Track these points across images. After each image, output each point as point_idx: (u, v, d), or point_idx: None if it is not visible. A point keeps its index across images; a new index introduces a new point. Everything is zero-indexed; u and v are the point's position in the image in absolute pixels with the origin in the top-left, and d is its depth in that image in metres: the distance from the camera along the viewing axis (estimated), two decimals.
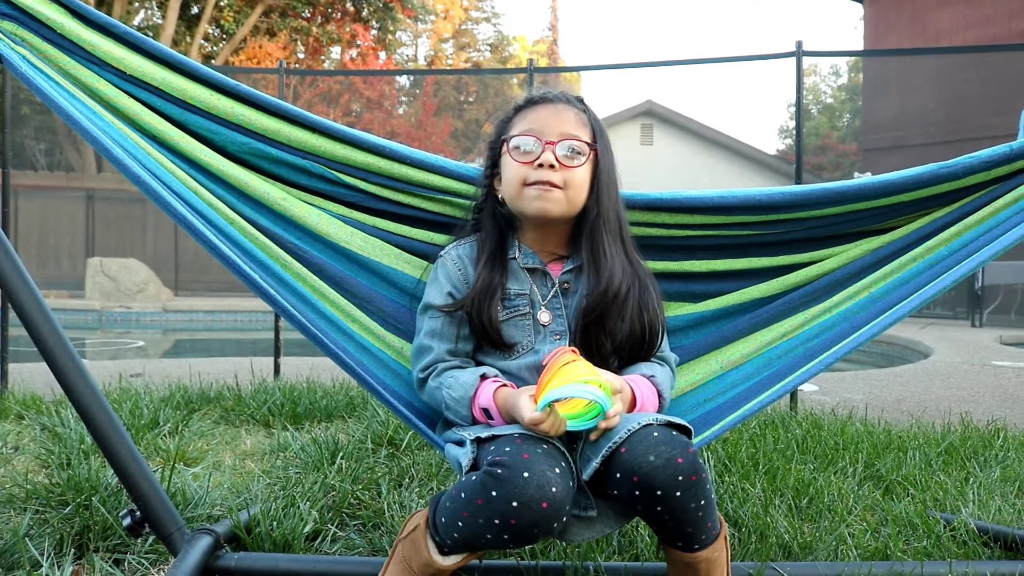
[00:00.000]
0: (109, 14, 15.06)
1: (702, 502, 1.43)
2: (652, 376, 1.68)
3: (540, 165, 1.65)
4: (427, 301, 1.75)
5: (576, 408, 1.43)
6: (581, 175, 1.68)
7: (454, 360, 1.71)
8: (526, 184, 1.66)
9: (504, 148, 1.72)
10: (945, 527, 2.17)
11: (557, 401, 1.42)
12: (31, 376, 4.72)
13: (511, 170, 1.70)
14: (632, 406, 1.59)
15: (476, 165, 1.89)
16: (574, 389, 1.39)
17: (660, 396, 1.67)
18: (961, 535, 2.12)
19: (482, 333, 1.69)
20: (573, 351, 1.47)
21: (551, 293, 1.72)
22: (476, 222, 1.80)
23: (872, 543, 2.11)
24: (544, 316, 1.70)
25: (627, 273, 1.70)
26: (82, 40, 1.75)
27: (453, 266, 1.74)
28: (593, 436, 1.50)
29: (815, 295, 1.93)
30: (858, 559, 2.02)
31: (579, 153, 1.68)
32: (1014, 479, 2.70)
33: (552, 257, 1.76)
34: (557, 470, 1.38)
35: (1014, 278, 11.79)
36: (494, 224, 1.76)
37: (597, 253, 1.70)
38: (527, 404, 1.45)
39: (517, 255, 1.74)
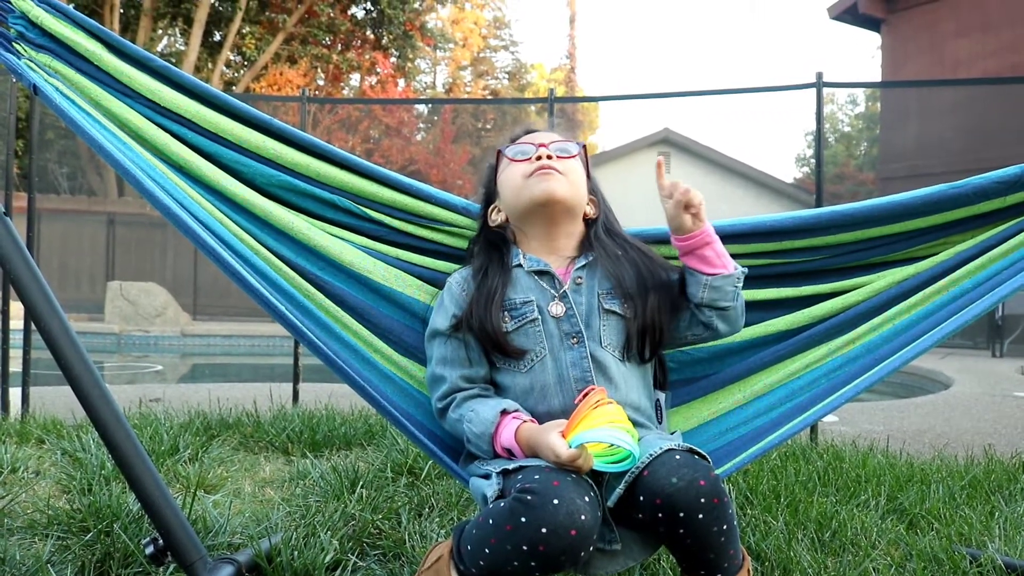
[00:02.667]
0: (133, 40, 15.33)
1: (724, 526, 1.43)
2: None
3: (538, 158, 1.74)
4: (433, 327, 1.77)
5: (603, 447, 1.44)
6: (577, 168, 1.79)
7: (472, 388, 1.71)
8: (527, 176, 1.73)
9: (499, 169, 1.83)
10: (971, 563, 2.14)
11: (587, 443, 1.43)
12: (51, 400, 4.74)
13: (510, 173, 1.78)
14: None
15: None
16: (606, 434, 1.41)
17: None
18: (988, 571, 2.09)
19: (487, 341, 1.69)
20: (602, 391, 1.48)
21: (560, 292, 1.73)
22: (470, 252, 1.87)
23: None
24: (556, 308, 1.71)
25: (645, 265, 1.77)
26: (119, 72, 1.79)
27: (458, 287, 1.78)
28: None
29: (840, 327, 1.92)
30: None
31: (570, 151, 1.79)
32: None
33: (560, 260, 1.77)
34: (586, 498, 1.39)
35: None
36: (486, 245, 1.82)
37: (616, 247, 1.79)
38: (558, 441, 1.45)
39: (522, 261, 1.76)
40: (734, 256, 1.92)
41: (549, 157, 1.74)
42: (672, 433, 1.79)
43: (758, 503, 2.61)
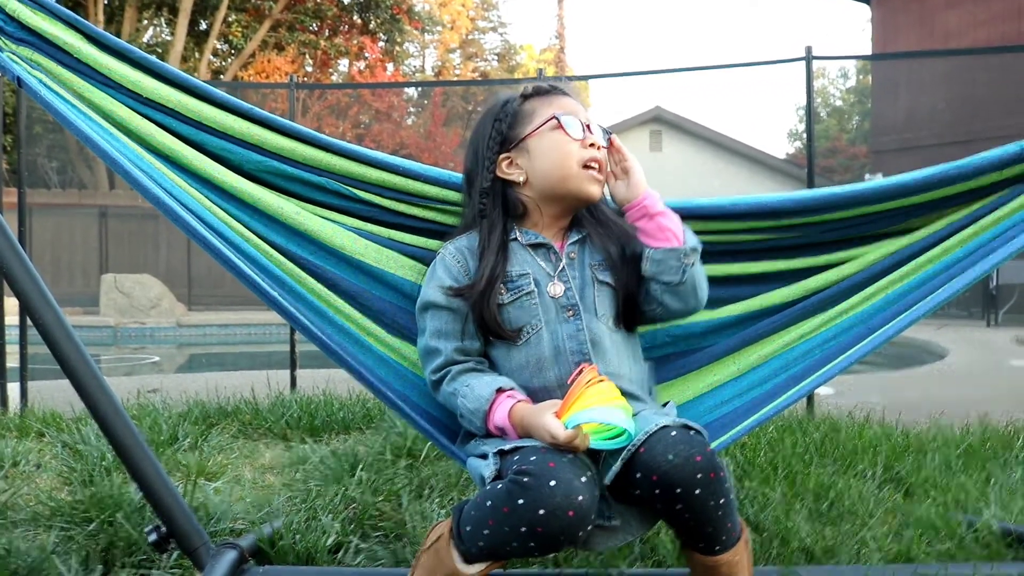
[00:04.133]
0: (119, 32, 15.22)
1: (721, 500, 1.44)
2: None
3: (592, 145, 1.70)
4: (426, 299, 1.73)
5: (598, 425, 1.45)
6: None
7: (467, 361, 1.70)
8: (583, 166, 1.69)
9: (536, 131, 1.71)
10: (968, 529, 2.16)
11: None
12: (49, 393, 4.74)
13: (561, 148, 1.69)
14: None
15: None
16: (602, 413, 1.42)
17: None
18: (984, 537, 2.11)
19: (483, 326, 1.68)
20: (594, 369, 1.49)
21: (559, 268, 1.71)
22: (482, 209, 1.76)
23: (894, 546, 2.10)
24: (555, 288, 1.69)
25: (626, 237, 1.75)
26: (98, 64, 1.78)
27: (452, 259, 1.73)
28: None
29: (834, 299, 1.93)
30: (881, 562, 2.02)
31: (604, 141, 1.74)
32: None
33: (554, 233, 1.76)
34: (583, 479, 1.39)
35: None
36: (502, 211, 1.74)
37: (603, 222, 1.77)
38: (553, 422, 1.45)
39: (518, 235, 1.74)
40: (728, 233, 1.93)
41: (598, 149, 1.70)
42: (665, 405, 1.80)
43: (755, 475, 2.63)
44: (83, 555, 2.01)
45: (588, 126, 1.72)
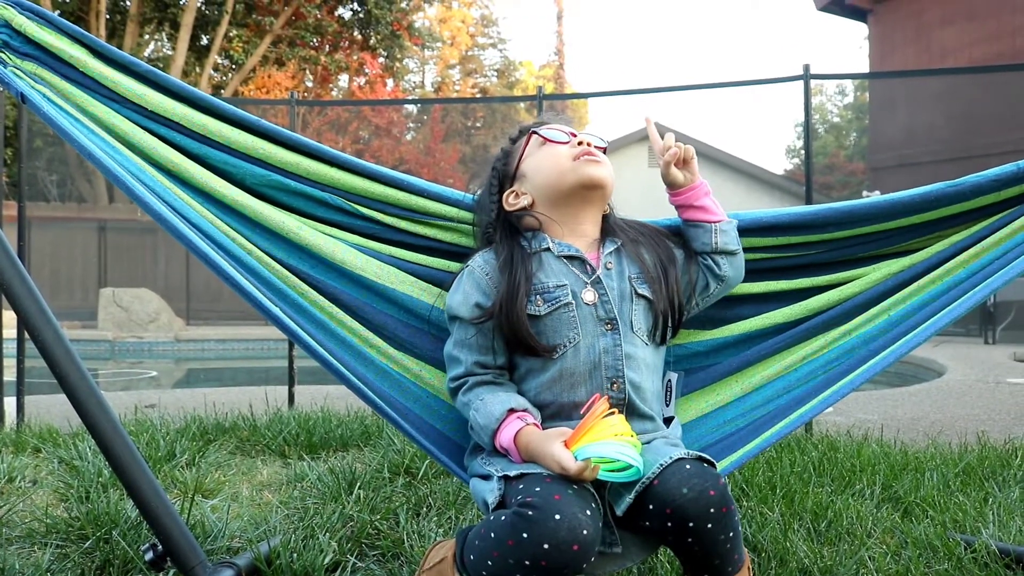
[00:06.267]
0: (120, 47, 15.27)
1: (731, 534, 1.45)
2: None
3: (580, 143, 1.75)
4: (454, 310, 1.73)
5: (607, 459, 1.45)
6: (607, 158, 1.80)
7: (486, 374, 1.69)
8: (573, 158, 1.73)
9: (524, 152, 1.81)
10: (966, 549, 2.16)
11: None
12: (46, 408, 4.74)
13: (551, 154, 1.77)
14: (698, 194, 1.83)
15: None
16: (613, 449, 1.43)
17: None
18: (982, 557, 2.11)
19: (516, 344, 1.68)
20: (608, 400, 1.49)
21: (593, 278, 1.70)
22: (488, 236, 1.80)
23: (893, 566, 2.09)
24: (588, 295, 1.69)
25: (661, 243, 1.81)
26: (104, 78, 1.79)
27: (480, 271, 1.72)
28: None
29: (836, 319, 1.93)
30: None
31: (604, 141, 1.81)
32: None
33: (586, 245, 1.76)
34: (588, 511, 1.39)
35: None
36: (510, 234, 1.78)
37: (635, 230, 1.82)
38: (563, 453, 1.44)
39: (551, 246, 1.73)
40: None
41: (588, 144, 1.75)
42: (669, 422, 1.79)
43: (754, 495, 2.62)
44: (79, 573, 2.00)
45: (574, 134, 1.77)
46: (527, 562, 1.35)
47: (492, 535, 1.41)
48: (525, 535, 1.35)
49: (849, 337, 1.91)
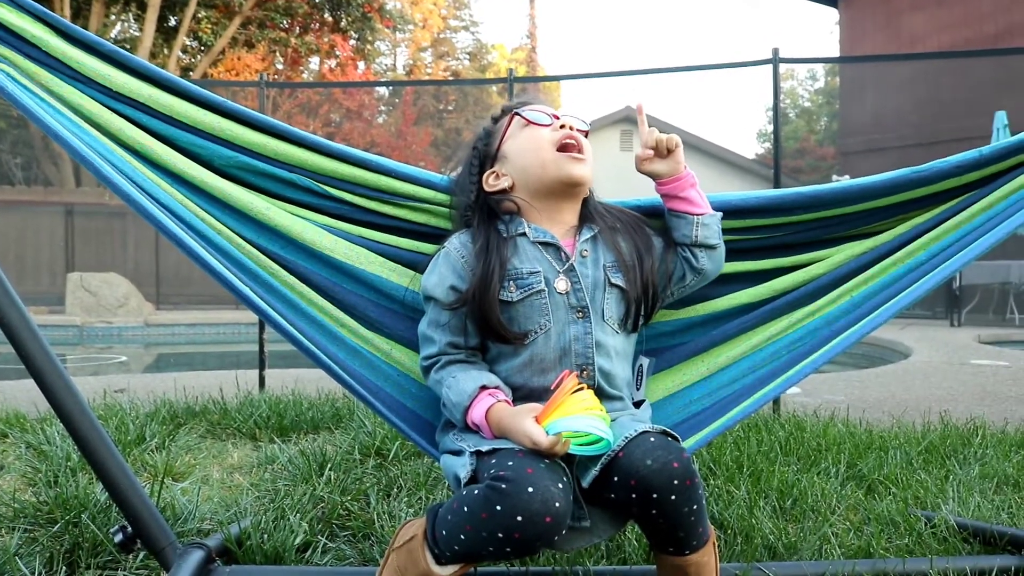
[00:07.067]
0: (85, 27, 15.00)
1: (695, 506, 1.47)
2: None
3: (563, 127, 1.74)
4: (429, 291, 1.73)
5: (578, 432, 1.46)
6: (589, 144, 1.79)
7: (458, 353, 1.70)
8: (559, 149, 1.72)
9: (506, 133, 1.80)
10: (926, 524, 2.21)
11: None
12: (12, 394, 4.69)
13: (533, 138, 1.76)
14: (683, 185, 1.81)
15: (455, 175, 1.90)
16: (583, 422, 1.44)
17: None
18: (941, 532, 2.16)
19: (487, 331, 1.68)
20: (576, 376, 1.50)
21: (567, 266, 1.71)
22: (467, 219, 1.80)
23: (855, 542, 2.14)
24: (561, 284, 1.69)
25: (638, 230, 1.82)
26: (67, 57, 1.76)
27: (456, 254, 1.72)
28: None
29: (800, 300, 1.97)
30: (841, 558, 2.06)
31: (586, 125, 1.80)
32: (992, 476, 2.75)
33: (563, 232, 1.76)
34: (560, 484, 1.41)
35: (991, 278, 11.93)
36: (488, 217, 1.77)
37: (613, 217, 1.82)
38: (534, 428, 1.46)
39: (527, 231, 1.73)
40: None
41: (574, 129, 1.74)
42: (639, 404, 1.81)
43: (721, 473, 2.66)
44: (47, 556, 1.99)
45: (556, 116, 1.76)
46: (500, 534, 1.37)
47: (465, 509, 1.43)
48: (499, 507, 1.37)
49: (813, 318, 1.94)
